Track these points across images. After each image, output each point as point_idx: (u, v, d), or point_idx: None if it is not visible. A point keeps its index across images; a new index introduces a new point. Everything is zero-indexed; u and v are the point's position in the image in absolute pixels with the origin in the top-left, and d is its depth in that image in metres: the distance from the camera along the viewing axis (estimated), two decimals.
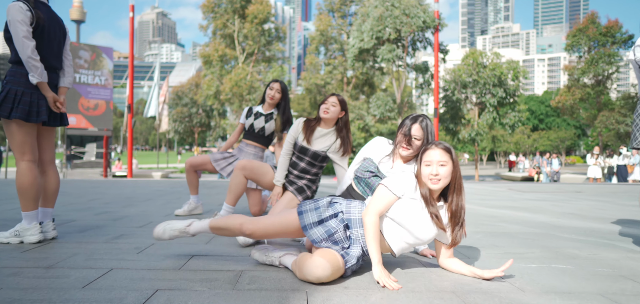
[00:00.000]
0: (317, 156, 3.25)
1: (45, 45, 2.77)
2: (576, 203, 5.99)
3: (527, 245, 2.96)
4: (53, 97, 2.77)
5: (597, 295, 1.87)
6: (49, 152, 2.92)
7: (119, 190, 7.26)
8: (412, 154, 2.46)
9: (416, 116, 2.47)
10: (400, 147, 2.46)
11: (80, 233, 3.11)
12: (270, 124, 4.00)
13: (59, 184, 2.93)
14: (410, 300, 1.77)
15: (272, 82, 4.03)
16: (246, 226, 2.20)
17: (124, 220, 3.81)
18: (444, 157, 2.04)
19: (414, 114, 2.48)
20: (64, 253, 2.47)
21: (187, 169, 3.99)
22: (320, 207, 2.14)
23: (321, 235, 2.07)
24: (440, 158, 2.04)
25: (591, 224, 4.04)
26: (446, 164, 2.04)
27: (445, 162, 2.03)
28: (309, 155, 3.27)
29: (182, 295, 1.76)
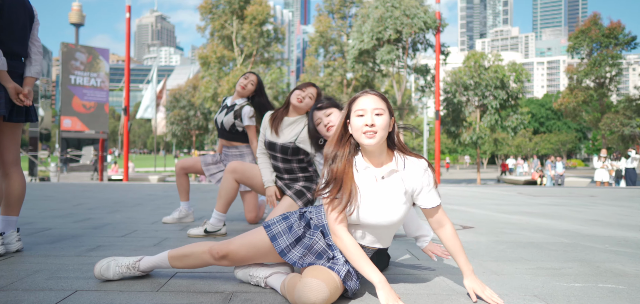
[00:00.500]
0: (286, 149, 2.84)
1: (4, 27, 2.40)
2: (595, 209, 5.62)
3: (560, 258, 2.59)
4: (14, 88, 2.40)
5: None
6: (12, 152, 2.54)
7: (108, 194, 6.89)
8: None
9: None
10: None
11: (50, 244, 2.74)
12: (229, 117, 3.49)
13: (24, 189, 2.56)
14: None
15: (248, 73, 3.58)
16: (216, 249, 1.78)
17: (106, 228, 3.44)
18: (381, 105, 1.66)
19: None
20: (23, 270, 2.10)
21: (177, 172, 3.61)
22: (293, 225, 1.77)
23: (300, 253, 1.71)
24: (375, 105, 1.65)
25: (621, 232, 3.68)
26: (383, 113, 1.66)
27: (382, 111, 1.65)
28: (277, 150, 2.87)
29: None
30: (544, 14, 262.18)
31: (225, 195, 2.99)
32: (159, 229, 3.41)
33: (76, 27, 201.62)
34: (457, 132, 28.59)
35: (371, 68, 28.72)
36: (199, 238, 3.01)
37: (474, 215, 4.70)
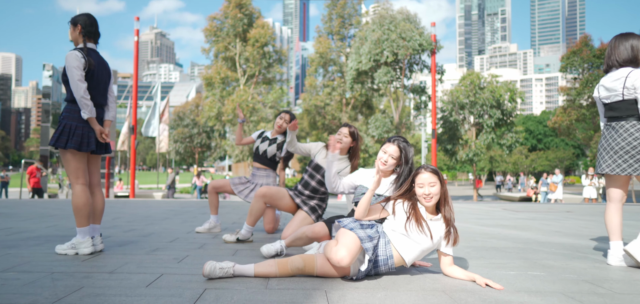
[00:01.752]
0: (319, 168, 3.80)
1: (94, 86, 3.25)
2: (564, 222, 6.44)
3: (510, 257, 3.41)
4: (100, 130, 3.24)
5: (558, 294, 2.33)
6: (96, 176, 3.39)
7: (133, 210, 7.69)
8: (389, 170, 3.00)
9: (393, 137, 3.02)
10: (380, 163, 2.96)
11: (120, 247, 3.56)
12: (272, 148, 4.50)
13: (104, 204, 3.39)
14: (408, 297, 2.22)
15: (283, 113, 4.56)
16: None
17: (153, 236, 4.26)
18: (433, 178, 2.51)
19: (392, 137, 3.01)
20: (117, 262, 2.92)
21: (210, 191, 4.45)
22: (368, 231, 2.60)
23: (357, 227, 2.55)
24: (430, 180, 2.51)
25: (572, 240, 4.49)
26: (435, 184, 2.51)
27: (434, 183, 2.51)
28: (320, 173, 3.76)
29: (227, 293, 2.21)
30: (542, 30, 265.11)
31: (255, 213, 3.82)
32: (196, 237, 4.22)
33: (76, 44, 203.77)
34: (453, 150, 29.45)
35: (369, 88, 29.70)
36: (232, 243, 3.83)
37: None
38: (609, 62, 3.23)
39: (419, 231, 2.52)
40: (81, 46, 3.22)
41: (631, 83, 3.05)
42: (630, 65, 3.14)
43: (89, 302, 2.02)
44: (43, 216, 6.11)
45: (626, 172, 3.09)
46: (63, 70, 3.19)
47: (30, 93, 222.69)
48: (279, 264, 2.52)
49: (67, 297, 2.10)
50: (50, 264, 2.85)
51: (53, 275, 2.54)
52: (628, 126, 3.10)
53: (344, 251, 2.36)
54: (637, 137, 3.06)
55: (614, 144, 3.16)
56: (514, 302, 2.16)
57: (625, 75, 3.09)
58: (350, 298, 2.18)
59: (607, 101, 3.22)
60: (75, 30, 3.25)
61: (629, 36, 3.17)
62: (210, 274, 2.44)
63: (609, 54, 3.23)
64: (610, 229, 3.19)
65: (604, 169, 3.21)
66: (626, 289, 2.46)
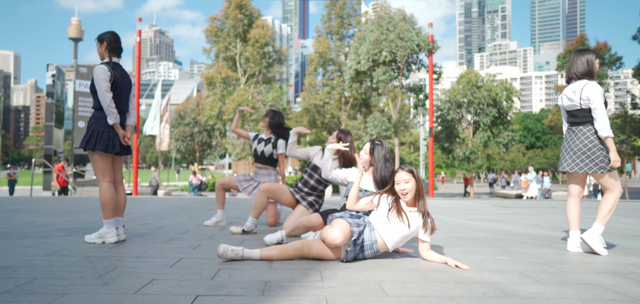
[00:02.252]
0: (317, 168, 4.27)
1: (118, 96, 3.71)
2: (543, 217, 6.90)
3: (482, 245, 3.87)
4: (123, 134, 3.70)
5: (515, 272, 2.78)
6: (119, 174, 3.84)
7: (141, 206, 8.15)
8: (367, 164, 3.53)
9: (372, 140, 3.55)
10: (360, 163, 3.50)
11: (139, 237, 4.01)
12: (268, 148, 4.94)
13: (126, 199, 3.85)
14: (389, 274, 2.67)
15: (265, 116, 5.07)
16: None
17: (165, 229, 4.71)
18: (407, 177, 2.97)
19: (372, 139, 3.49)
20: (140, 249, 3.37)
21: (217, 187, 4.91)
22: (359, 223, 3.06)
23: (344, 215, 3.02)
24: (405, 177, 2.97)
25: (544, 232, 4.95)
26: (409, 181, 2.96)
27: (409, 180, 2.96)
28: (318, 173, 4.22)
29: (237, 271, 2.66)
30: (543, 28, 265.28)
31: (259, 207, 4.28)
32: (205, 230, 4.68)
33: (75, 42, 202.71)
34: (450, 148, 29.90)
35: (368, 87, 30.14)
36: (238, 234, 4.29)
37: (443, 221, 5.97)
38: (569, 75, 3.69)
39: (399, 220, 2.98)
40: (107, 60, 3.68)
41: (586, 95, 3.50)
42: (586, 77, 3.59)
43: (126, 278, 2.48)
44: (60, 212, 6.56)
45: (583, 170, 3.55)
46: (91, 81, 3.64)
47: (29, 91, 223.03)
48: (281, 249, 2.98)
49: (107, 274, 2.55)
50: (83, 250, 3.31)
51: (89, 258, 2.99)
52: (585, 131, 3.56)
53: (337, 232, 2.82)
54: (593, 140, 3.51)
55: (574, 146, 3.61)
56: (476, 278, 2.61)
57: (581, 87, 3.55)
58: (340, 275, 2.64)
59: (569, 109, 3.68)
60: (102, 47, 3.71)
61: (585, 52, 3.63)
62: (223, 254, 2.89)
63: (569, 68, 3.69)
64: (569, 219, 3.65)
65: (565, 168, 3.67)
66: (573, 268, 2.91)
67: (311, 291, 2.29)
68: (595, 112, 3.47)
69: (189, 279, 2.48)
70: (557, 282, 2.55)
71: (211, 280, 2.46)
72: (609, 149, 3.47)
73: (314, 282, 2.47)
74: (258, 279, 2.49)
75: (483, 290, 2.34)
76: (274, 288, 2.33)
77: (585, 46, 31.39)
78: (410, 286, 2.41)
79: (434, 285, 2.44)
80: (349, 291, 2.30)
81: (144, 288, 2.28)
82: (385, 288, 2.37)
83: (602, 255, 3.41)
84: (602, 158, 3.48)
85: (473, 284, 2.47)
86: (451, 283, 2.49)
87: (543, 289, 2.37)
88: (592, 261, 3.17)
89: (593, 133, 3.52)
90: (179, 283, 2.38)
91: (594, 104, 3.45)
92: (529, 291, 2.34)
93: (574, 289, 2.38)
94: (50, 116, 22.52)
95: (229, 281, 2.44)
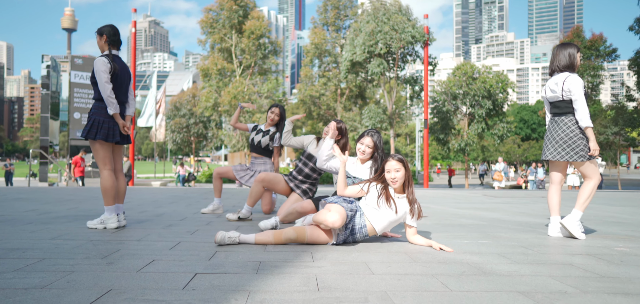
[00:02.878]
0: (312, 157, 4.43)
1: (118, 87, 3.84)
2: (531, 206, 7.10)
3: (468, 231, 4.05)
4: (122, 124, 3.84)
5: (494, 254, 2.96)
6: (118, 162, 3.98)
7: (140, 196, 8.29)
8: (367, 158, 3.63)
9: (368, 130, 3.65)
10: (359, 153, 3.62)
11: (139, 224, 4.17)
12: (265, 139, 5.11)
13: (126, 186, 3.99)
14: (376, 256, 2.84)
15: (273, 107, 5.17)
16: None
17: (164, 216, 4.87)
18: (398, 166, 3.13)
19: (368, 130, 3.62)
20: (141, 234, 3.53)
21: (214, 177, 5.06)
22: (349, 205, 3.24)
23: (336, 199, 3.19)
24: (396, 166, 3.13)
25: (530, 219, 5.14)
26: (400, 170, 3.12)
27: (399, 169, 3.12)
28: (312, 162, 4.38)
29: (233, 253, 2.83)
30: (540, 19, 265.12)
31: (254, 195, 4.44)
32: (202, 217, 4.84)
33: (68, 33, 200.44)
34: (446, 140, 30.12)
35: (363, 79, 30.26)
36: (234, 221, 4.45)
37: (433, 209, 6.16)
38: (552, 67, 3.85)
39: (387, 206, 3.14)
40: (107, 53, 3.80)
41: (567, 87, 3.67)
42: (567, 70, 3.76)
43: (129, 258, 2.64)
44: (61, 201, 6.70)
45: (564, 158, 3.72)
46: (92, 73, 3.77)
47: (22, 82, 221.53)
48: (275, 234, 3.14)
49: (110, 255, 2.71)
50: (86, 234, 3.46)
51: (93, 242, 3.15)
52: (567, 121, 3.73)
53: (336, 216, 2.98)
54: (573, 130, 3.69)
55: (556, 135, 3.79)
56: (457, 259, 2.79)
57: (563, 79, 3.71)
58: (330, 256, 2.80)
59: (552, 100, 3.85)
60: (102, 40, 3.83)
61: (568, 46, 3.79)
62: (221, 241, 3.05)
63: (552, 60, 3.85)
64: (550, 206, 3.83)
65: (547, 156, 3.84)
66: (550, 251, 3.10)
67: (302, 270, 2.45)
68: (576, 103, 3.63)
69: (188, 259, 2.64)
70: (533, 262, 2.73)
71: (209, 260, 2.62)
72: (588, 138, 3.64)
73: (305, 262, 2.63)
74: (253, 260, 2.65)
75: (462, 269, 2.52)
76: (267, 267, 2.49)
77: (582, 38, 31.52)
78: (395, 265, 2.58)
79: (417, 265, 2.61)
80: (337, 269, 2.46)
81: (146, 266, 2.44)
82: (372, 267, 2.53)
83: (580, 239, 3.59)
84: (582, 147, 3.65)
85: (454, 264, 2.65)
86: (434, 263, 2.66)
87: (518, 269, 2.55)
88: (569, 245, 3.36)
89: (574, 123, 3.69)
90: (179, 263, 2.54)
91: (575, 95, 3.62)
92: (505, 269, 2.52)
93: (547, 268, 2.56)
94: (46, 108, 22.53)
95: (225, 262, 2.60)
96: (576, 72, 3.80)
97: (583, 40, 30.98)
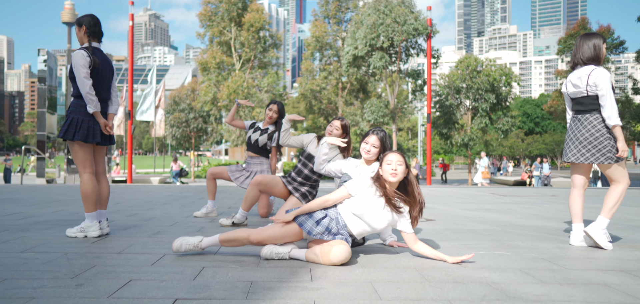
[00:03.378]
0: (311, 157, 4.11)
1: (98, 82, 3.51)
2: (544, 206, 6.77)
3: (482, 239, 3.72)
4: (104, 123, 3.51)
5: (516, 270, 2.63)
6: (101, 165, 3.66)
7: (133, 195, 7.98)
8: (372, 159, 3.25)
9: (374, 128, 3.28)
10: (364, 152, 3.25)
11: (124, 230, 3.85)
12: (263, 138, 4.76)
13: (109, 191, 3.67)
14: (383, 273, 2.52)
15: (271, 104, 4.81)
16: (253, 236, 2.73)
17: (154, 220, 4.55)
18: (401, 159, 2.82)
19: (374, 128, 3.26)
20: (123, 244, 3.21)
21: (208, 178, 4.73)
22: (313, 215, 2.84)
23: (321, 231, 2.79)
24: (398, 159, 2.81)
25: (545, 223, 4.81)
26: (402, 164, 2.80)
27: (402, 163, 2.80)
28: (312, 163, 4.05)
29: (222, 270, 2.50)
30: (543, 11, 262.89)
31: (250, 200, 4.11)
32: (194, 222, 4.52)
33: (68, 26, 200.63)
34: (449, 134, 29.72)
35: (365, 72, 29.83)
36: (228, 226, 4.12)
37: (440, 211, 5.83)
38: (575, 60, 3.50)
39: (375, 215, 2.79)
40: (86, 45, 3.47)
41: (593, 81, 3.32)
42: (592, 63, 3.41)
43: (102, 278, 2.31)
44: (48, 202, 6.39)
45: (588, 160, 3.38)
46: (70, 67, 3.44)
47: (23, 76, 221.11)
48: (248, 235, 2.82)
49: (83, 274, 2.39)
50: (63, 245, 3.14)
51: (67, 255, 2.83)
52: (592, 119, 3.38)
53: (343, 255, 2.64)
54: (599, 130, 3.34)
55: (579, 135, 3.44)
56: (475, 277, 2.46)
57: (588, 73, 3.37)
58: (331, 274, 2.48)
59: (574, 96, 3.50)
60: (81, 31, 3.50)
61: (592, 36, 3.44)
62: (177, 250, 2.83)
63: (575, 53, 3.50)
64: (573, 212, 3.50)
65: (570, 158, 3.50)
66: (577, 265, 2.77)
67: (299, 292, 2.13)
68: (603, 99, 3.29)
69: (169, 279, 2.32)
70: (562, 281, 2.40)
71: (193, 280, 2.30)
72: (616, 138, 3.30)
73: (303, 282, 2.31)
74: (243, 279, 2.33)
75: (483, 292, 2.19)
76: (259, 289, 2.17)
77: (587, 30, 31.00)
78: (405, 286, 2.26)
79: (430, 285, 2.28)
80: (339, 293, 2.14)
81: (120, 289, 2.12)
82: (379, 289, 2.21)
83: (607, 249, 3.26)
84: (609, 148, 3.31)
85: (472, 284, 2.32)
86: (449, 282, 2.34)
87: (547, 290, 2.22)
88: (597, 257, 3.03)
89: (600, 121, 3.35)
90: (159, 284, 2.22)
91: (602, 90, 3.28)
92: (532, 292, 2.19)
93: (580, 291, 2.23)
94: (43, 102, 22.18)
95: (212, 281, 2.28)
96: (601, 64, 3.46)
97: None
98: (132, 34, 18.95)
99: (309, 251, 2.78)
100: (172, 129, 38.28)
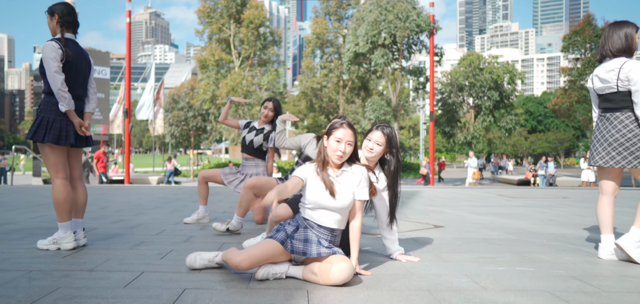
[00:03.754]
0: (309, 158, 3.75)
1: (72, 78, 3.15)
2: (558, 210, 6.40)
3: (499, 251, 3.37)
4: (79, 123, 3.15)
5: (545, 292, 2.28)
6: (77, 169, 3.30)
7: (125, 197, 7.63)
8: (375, 160, 2.86)
9: (379, 124, 2.88)
10: (366, 151, 2.85)
11: (104, 241, 3.50)
12: (258, 138, 4.40)
13: (87, 197, 3.32)
14: (391, 297, 2.16)
15: (266, 101, 4.46)
16: (243, 264, 2.35)
17: (139, 228, 4.20)
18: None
19: (379, 123, 2.88)
20: (98, 259, 2.86)
21: (200, 181, 4.38)
22: (286, 229, 2.51)
23: (301, 248, 2.45)
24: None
25: (564, 230, 4.45)
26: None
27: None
28: None
29: (206, 293, 2.15)
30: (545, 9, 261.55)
31: (244, 204, 3.77)
32: (183, 229, 4.17)
33: None
34: (451, 133, 29.33)
35: (366, 70, 29.45)
36: (221, 232, 3.80)
37: (448, 216, 5.47)
38: (603, 52, 3.14)
39: (328, 194, 2.49)
40: (58, 36, 3.11)
41: (625, 75, 2.96)
42: (624, 55, 3.05)
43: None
44: (32, 206, 6.05)
45: (620, 164, 3.02)
46: (40, 61, 3.09)
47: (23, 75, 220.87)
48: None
49: (41, 299, 2.04)
50: (29, 261, 2.79)
51: (30, 274, 2.48)
52: (623, 118, 3.02)
53: (345, 274, 2.31)
54: (632, 130, 2.98)
55: (609, 136, 3.08)
56: (499, 302, 2.11)
57: (619, 66, 3.00)
58: (332, 298, 2.13)
59: (602, 92, 3.14)
60: (53, 20, 3.14)
61: (623, 25, 3.07)
62: (191, 266, 2.59)
63: (603, 44, 3.14)
64: (601, 222, 3.13)
65: (598, 162, 3.14)
66: (615, 286, 2.41)
67: None
68: (636, 95, 2.92)
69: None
70: None
71: None
72: None
73: None
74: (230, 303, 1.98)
75: None
76: None
77: (593, 27, 30.48)
78: None
79: None
80: None
81: None
82: None
83: None
84: None
85: None
86: None
87: None
88: (633, 274, 2.67)
89: (632, 120, 2.98)
90: None
91: (636, 85, 2.91)
92: None
93: None
94: (39, 100, 21.90)
95: None
96: (633, 57, 3.09)
97: (595, 29, 29.91)
98: (130, 31, 18.60)
99: (306, 269, 2.43)
100: (171, 128, 37.97)
